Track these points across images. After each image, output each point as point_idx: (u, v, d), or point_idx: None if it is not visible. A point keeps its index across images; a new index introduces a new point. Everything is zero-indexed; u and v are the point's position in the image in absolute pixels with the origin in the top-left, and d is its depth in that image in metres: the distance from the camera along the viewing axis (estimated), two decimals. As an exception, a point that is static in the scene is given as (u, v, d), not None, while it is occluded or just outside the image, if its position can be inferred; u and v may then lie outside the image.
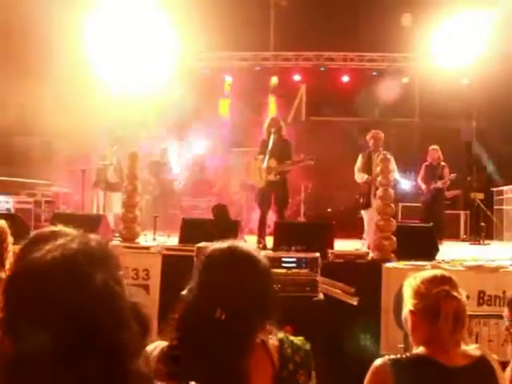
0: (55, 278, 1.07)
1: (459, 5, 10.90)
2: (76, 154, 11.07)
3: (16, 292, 1.10)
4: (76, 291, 1.07)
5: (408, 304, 2.10)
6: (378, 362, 2.04)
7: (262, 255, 1.84)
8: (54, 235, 1.97)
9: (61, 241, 1.17)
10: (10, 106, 10.57)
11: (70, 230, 2.03)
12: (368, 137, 8.29)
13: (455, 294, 2.03)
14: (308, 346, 1.76)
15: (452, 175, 9.73)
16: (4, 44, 10.56)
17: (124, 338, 1.10)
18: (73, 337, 1.04)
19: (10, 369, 1.07)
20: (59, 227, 2.09)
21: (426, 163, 9.95)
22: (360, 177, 8.21)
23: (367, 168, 8.12)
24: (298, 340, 1.77)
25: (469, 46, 11.53)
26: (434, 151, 9.84)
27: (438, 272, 2.17)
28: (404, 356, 2.04)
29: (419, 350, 2.06)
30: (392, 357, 2.04)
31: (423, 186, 9.87)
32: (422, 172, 9.98)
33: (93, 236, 1.22)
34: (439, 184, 9.62)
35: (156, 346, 1.75)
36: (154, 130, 11.94)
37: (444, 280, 2.07)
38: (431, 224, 7.72)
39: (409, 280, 2.16)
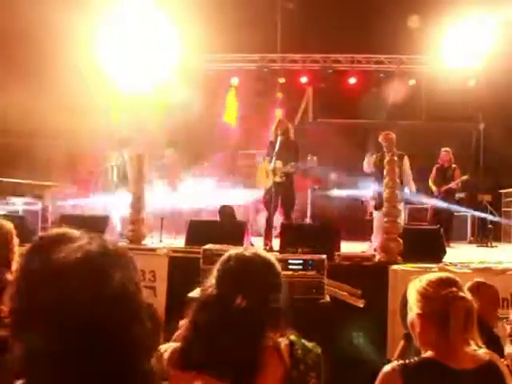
0: (78, 279, 1.12)
1: (466, 7, 10.87)
2: (83, 155, 11.12)
3: (39, 291, 1.13)
4: (96, 291, 1.12)
5: (414, 308, 2.10)
6: (387, 367, 2.05)
7: (276, 261, 1.90)
8: (62, 237, 1.99)
9: (80, 242, 1.22)
10: (16, 107, 10.62)
11: (76, 232, 2.04)
12: (380, 138, 8.24)
13: (463, 294, 2.03)
14: (319, 350, 1.78)
15: (464, 177, 9.70)
16: (11, 47, 10.62)
17: (139, 335, 1.15)
18: (91, 334, 1.09)
19: (24, 367, 1.10)
20: (64, 229, 2.09)
21: (437, 165, 9.93)
22: (367, 163, 8.20)
23: (380, 169, 8.08)
24: (309, 343, 1.80)
25: (476, 48, 11.50)
26: (446, 153, 9.81)
27: (443, 274, 2.18)
28: (412, 360, 2.04)
29: (427, 353, 2.05)
30: (401, 362, 2.04)
31: (434, 188, 9.82)
32: (432, 174, 9.94)
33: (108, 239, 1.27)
34: (452, 185, 9.57)
35: (168, 347, 1.79)
36: (160, 131, 11.97)
37: (450, 282, 2.08)
38: (438, 226, 7.69)
39: (413, 284, 2.16)
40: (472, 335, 2.05)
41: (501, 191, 11.52)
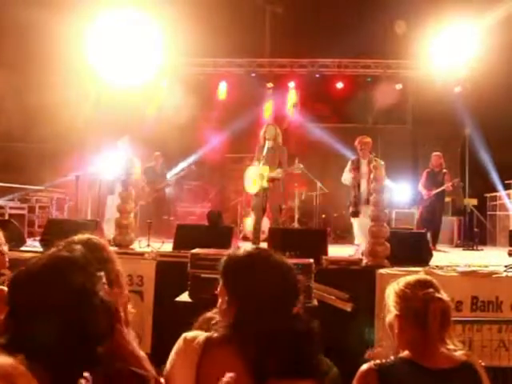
0: (43, 282, 1.48)
1: (453, 13, 10.98)
2: (71, 159, 11.06)
3: (16, 291, 1.51)
4: (59, 292, 1.46)
5: (393, 309, 2.15)
6: (363, 367, 2.10)
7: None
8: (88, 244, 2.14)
9: (53, 249, 1.60)
10: (4, 111, 10.56)
11: (101, 241, 2.16)
12: (355, 143, 8.30)
13: (440, 295, 2.09)
14: (336, 369, 1.83)
15: (455, 180, 9.75)
16: (7, 50, 10.58)
17: (93, 323, 1.48)
18: (57, 323, 1.42)
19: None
20: (88, 236, 2.17)
21: (428, 169, 9.97)
22: (347, 177, 8.23)
23: (357, 174, 8.15)
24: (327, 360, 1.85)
25: (462, 53, 11.61)
26: (437, 157, 9.83)
27: (420, 276, 2.25)
28: (389, 360, 2.08)
29: (404, 353, 2.10)
30: (377, 361, 2.08)
31: (424, 192, 9.84)
32: (423, 178, 9.99)
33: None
34: (445, 186, 9.59)
35: (198, 335, 1.83)
36: (148, 134, 11.95)
37: (427, 283, 2.15)
38: (425, 229, 7.74)
39: (391, 286, 2.22)
40: (449, 334, 2.11)
41: (486, 195, 11.63)
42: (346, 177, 8.28)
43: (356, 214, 8.00)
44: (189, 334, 1.85)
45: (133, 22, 11.30)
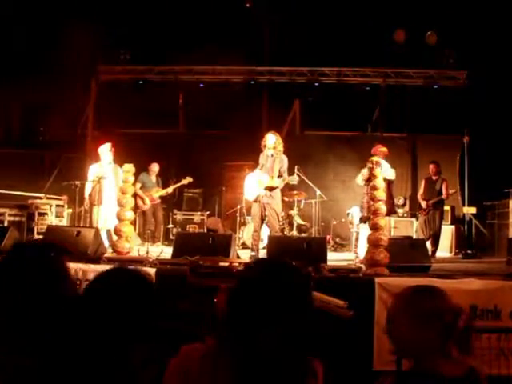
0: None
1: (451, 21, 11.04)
2: (70, 166, 11.07)
3: None
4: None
5: (404, 320, 2.01)
6: (380, 378, 2.02)
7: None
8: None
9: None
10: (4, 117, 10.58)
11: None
12: (372, 151, 8.29)
13: (462, 308, 2.01)
14: None
15: (453, 190, 9.76)
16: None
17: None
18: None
19: None
20: None
21: (426, 177, 10.03)
22: (361, 180, 8.16)
23: (369, 181, 8.10)
24: None
25: (461, 61, 11.66)
26: (434, 166, 9.87)
27: (430, 285, 2.12)
28: (404, 371, 2.02)
29: (418, 364, 2.01)
30: (393, 375, 2.02)
31: (423, 203, 9.79)
32: (421, 187, 10.03)
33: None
34: (443, 196, 9.60)
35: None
36: (146, 143, 11.98)
37: (440, 293, 2.04)
38: (425, 238, 7.74)
39: (406, 296, 2.08)
40: (470, 344, 2.02)
41: (485, 204, 11.62)
42: (360, 179, 8.22)
43: (367, 218, 7.93)
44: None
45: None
